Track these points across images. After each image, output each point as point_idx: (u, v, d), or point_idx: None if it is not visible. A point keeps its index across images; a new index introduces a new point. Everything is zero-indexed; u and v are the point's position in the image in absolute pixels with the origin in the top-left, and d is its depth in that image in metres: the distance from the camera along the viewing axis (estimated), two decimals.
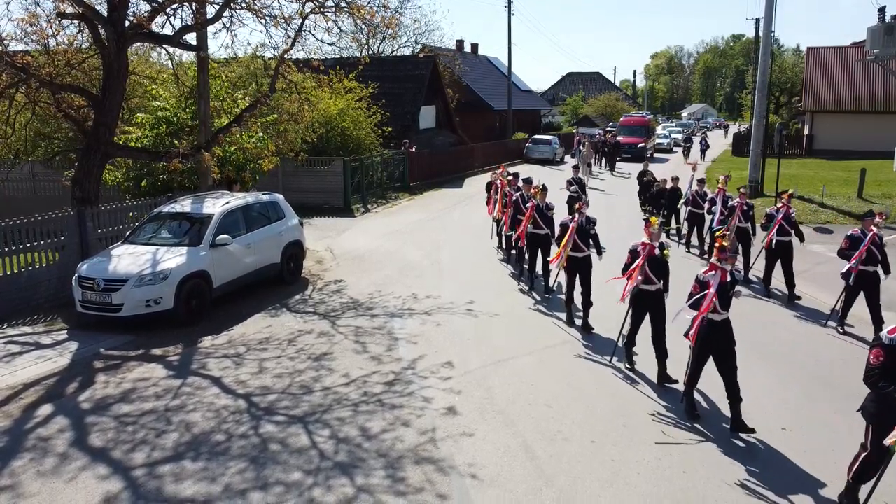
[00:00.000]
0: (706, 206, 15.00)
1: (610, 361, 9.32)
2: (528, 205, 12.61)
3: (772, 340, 10.26)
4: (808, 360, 9.55)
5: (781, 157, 23.83)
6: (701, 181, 16.19)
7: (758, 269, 13.35)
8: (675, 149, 49.33)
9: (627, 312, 9.04)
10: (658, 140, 49.23)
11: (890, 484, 6.42)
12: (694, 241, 16.45)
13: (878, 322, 10.09)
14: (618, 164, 35.31)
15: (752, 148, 24.33)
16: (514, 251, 14.33)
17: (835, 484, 6.38)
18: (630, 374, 9.00)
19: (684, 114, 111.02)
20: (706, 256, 14.20)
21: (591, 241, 10.75)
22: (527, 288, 13.01)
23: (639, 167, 33.26)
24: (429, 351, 9.85)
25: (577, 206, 11.08)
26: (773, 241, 12.15)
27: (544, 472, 6.63)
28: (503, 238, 15.57)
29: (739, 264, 13.01)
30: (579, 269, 10.74)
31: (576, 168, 19.18)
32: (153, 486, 6.42)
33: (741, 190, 13.91)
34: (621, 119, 46.50)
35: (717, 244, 7.62)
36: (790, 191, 13.68)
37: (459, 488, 6.37)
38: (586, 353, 9.79)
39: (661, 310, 8.74)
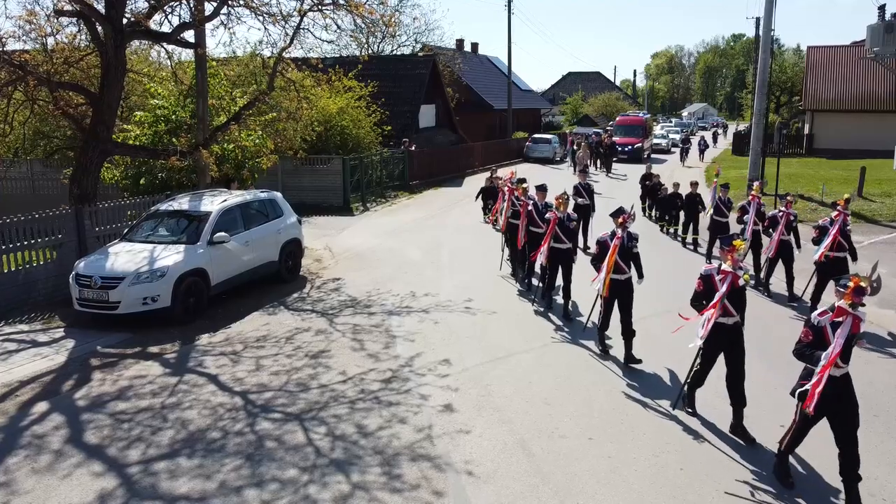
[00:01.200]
0: (738, 214, 13.38)
1: (673, 409, 7.89)
2: (547, 216, 11.31)
3: (772, 339, 10.23)
4: None
5: (782, 156, 23.81)
6: (725, 186, 15.13)
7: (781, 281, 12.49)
8: (672, 149, 48.12)
9: (698, 353, 7.51)
10: (655, 140, 48.10)
11: (889, 483, 6.40)
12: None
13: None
14: (614, 166, 34.21)
15: (752, 147, 24.34)
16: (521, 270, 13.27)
17: (834, 482, 6.35)
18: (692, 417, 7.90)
19: (685, 113, 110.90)
20: (761, 289, 12.62)
21: (632, 262, 9.28)
22: (542, 309, 11.71)
23: (636, 169, 33.05)
24: (426, 348, 9.82)
25: (619, 219, 9.16)
26: (825, 257, 10.98)
27: (541, 469, 6.61)
28: (508, 250, 14.12)
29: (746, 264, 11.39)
30: (620, 293, 9.22)
31: (582, 173, 18.02)
32: (148, 483, 6.40)
33: (788, 197, 12.31)
34: (617, 119, 45.31)
35: (851, 283, 5.90)
36: (846, 196, 11.63)
37: (455, 485, 6.34)
38: (587, 353, 9.76)
39: (741, 348, 7.34)
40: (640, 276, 9.34)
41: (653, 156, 42.66)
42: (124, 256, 11.16)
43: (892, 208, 20.81)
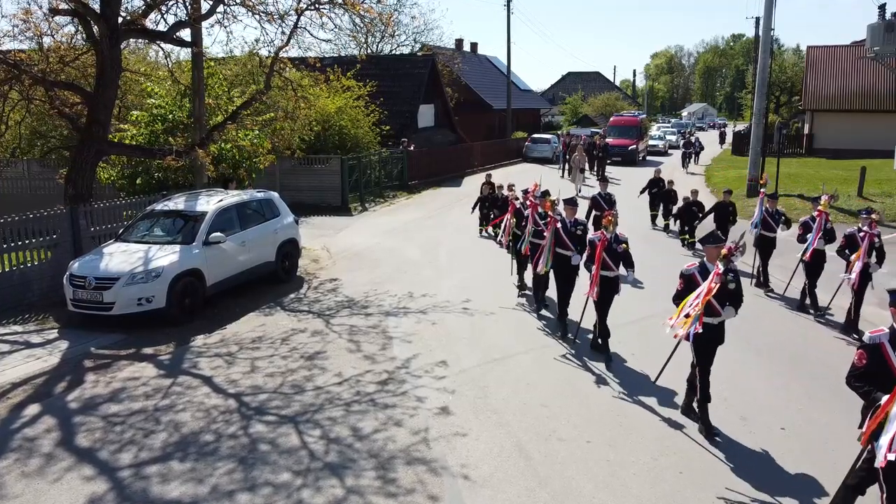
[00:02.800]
0: (798, 231, 11.64)
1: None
2: (591, 237, 9.83)
3: (771, 339, 10.14)
4: (809, 359, 9.43)
5: (781, 156, 23.71)
6: (773, 197, 13.15)
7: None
8: (670, 151, 46.11)
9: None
10: (651, 142, 45.72)
11: None
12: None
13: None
14: (607, 168, 31.24)
15: (752, 146, 24.21)
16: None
17: (833, 486, 6.25)
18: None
19: (684, 113, 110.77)
20: (815, 312, 11.44)
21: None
22: (559, 334, 10.33)
23: (630, 172, 32.23)
24: (423, 350, 9.73)
25: (723, 251, 7.36)
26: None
27: (538, 472, 6.51)
28: (518, 274, 12.67)
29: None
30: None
31: (603, 181, 16.13)
32: (139, 487, 6.30)
33: (873, 216, 10.38)
34: (610, 119, 42.96)
35: None
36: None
37: (451, 489, 6.25)
38: (585, 355, 9.66)
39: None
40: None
41: (648, 158, 41.01)
42: (119, 257, 11.06)
43: (893, 208, 20.70)
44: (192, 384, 8.62)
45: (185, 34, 14.20)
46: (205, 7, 13.53)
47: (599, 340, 9.63)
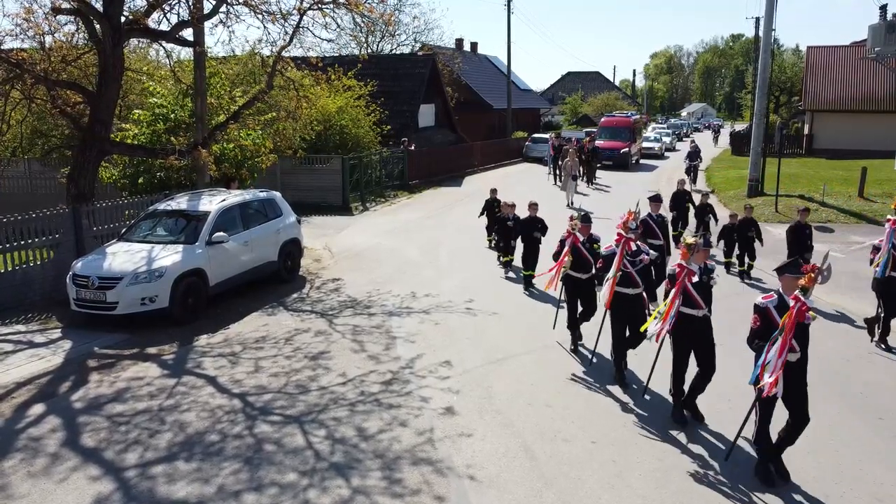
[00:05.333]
0: (870, 254, 10.24)
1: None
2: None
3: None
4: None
5: (782, 156, 23.72)
6: None
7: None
8: (666, 154, 43.55)
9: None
10: (647, 144, 42.01)
11: (884, 483, 6.32)
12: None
13: None
14: (597, 174, 29.85)
15: (753, 147, 24.21)
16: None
17: (840, 484, 6.27)
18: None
19: (684, 113, 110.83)
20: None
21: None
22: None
23: (622, 177, 30.15)
24: (427, 350, 9.73)
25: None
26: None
27: (544, 473, 6.52)
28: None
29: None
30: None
31: (655, 201, 12.20)
32: (145, 486, 6.30)
33: None
34: (601, 120, 39.96)
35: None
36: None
37: (457, 490, 6.26)
38: (589, 355, 9.66)
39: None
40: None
41: (642, 161, 38.56)
42: (122, 256, 11.05)
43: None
44: (196, 384, 8.62)
45: (188, 34, 14.19)
46: (207, 7, 13.53)
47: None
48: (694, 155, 28.52)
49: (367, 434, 7.27)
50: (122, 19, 12.96)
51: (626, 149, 35.16)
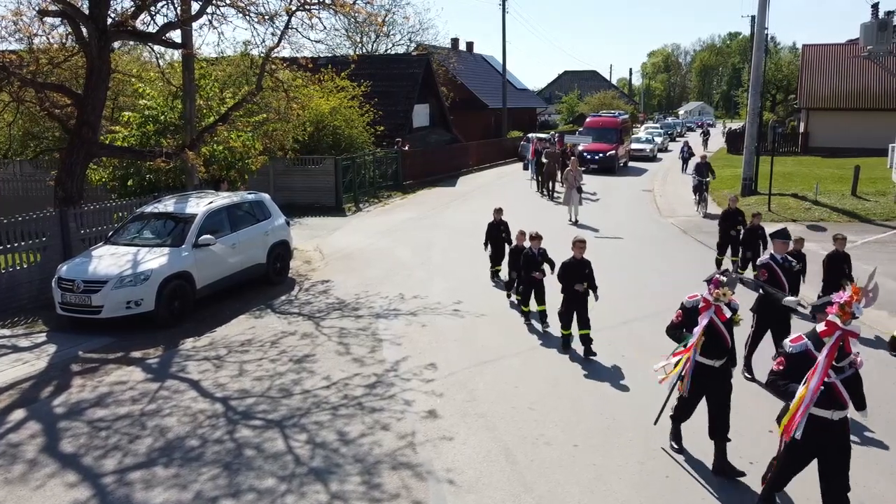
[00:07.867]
0: None
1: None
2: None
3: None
4: None
5: (777, 154, 23.70)
6: None
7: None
8: (659, 155, 41.68)
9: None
10: (638, 146, 39.81)
11: (881, 487, 6.28)
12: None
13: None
14: (582, 178, 25.15)
15: (747, 145, 24.19)
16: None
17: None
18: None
19: (681, 112, 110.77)
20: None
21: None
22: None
23: (609, 182, 27.99)
24: (413, 352, 9.69)
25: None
26: None
27: (524, 477, 6.48)
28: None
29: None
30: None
31: (795, 242, 9.85)
32: (122, 493, 6.26)
33: None
34: (586, 120, 37.61)
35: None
36: None
37: (436, 494, 6.22)
38: (573, 355, 9.63)
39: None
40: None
41: (630, 164, 36.39)
42: (108, 260, 11.01)
43: (886, 207, 20.71)
44: (179, 388, 8.58)
45: (176, 35, 14.15)
46: (194, 8, 13.47)
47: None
48: (703, 169, 21.50)
49: (348, 438, 7.23)
50: (109, 21, 12.90)
51: (613, 151, 33.04)
